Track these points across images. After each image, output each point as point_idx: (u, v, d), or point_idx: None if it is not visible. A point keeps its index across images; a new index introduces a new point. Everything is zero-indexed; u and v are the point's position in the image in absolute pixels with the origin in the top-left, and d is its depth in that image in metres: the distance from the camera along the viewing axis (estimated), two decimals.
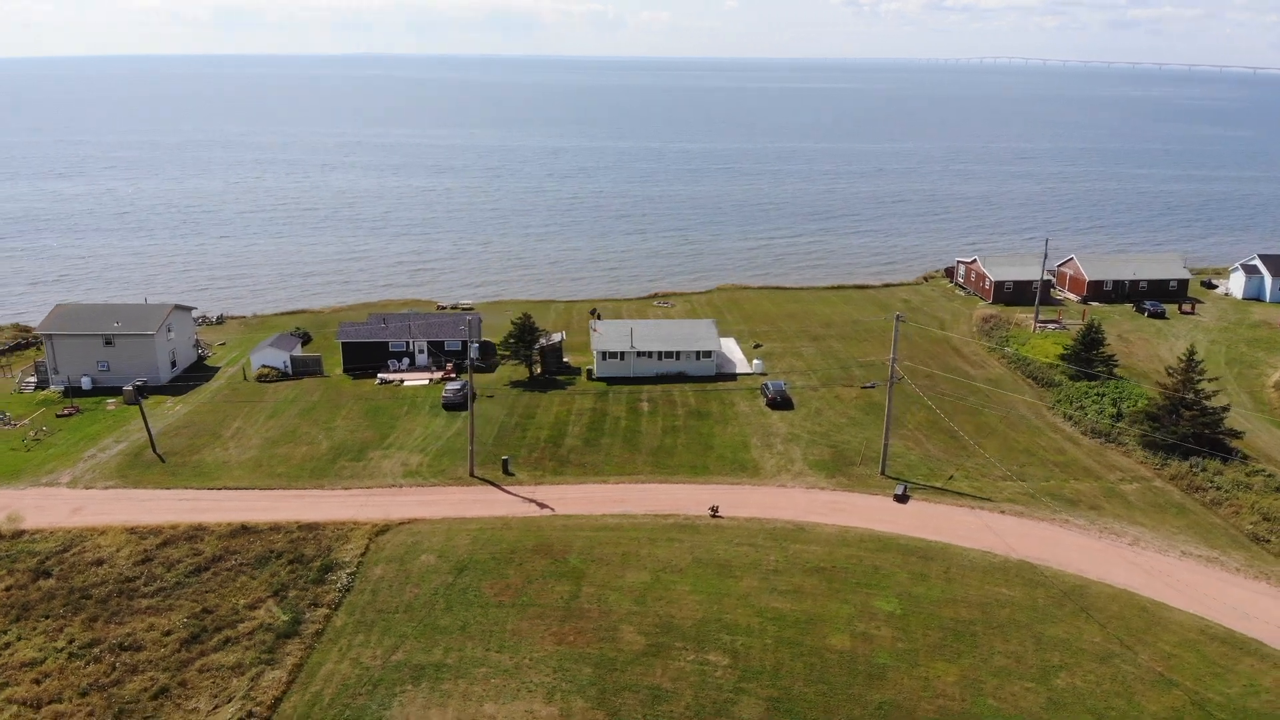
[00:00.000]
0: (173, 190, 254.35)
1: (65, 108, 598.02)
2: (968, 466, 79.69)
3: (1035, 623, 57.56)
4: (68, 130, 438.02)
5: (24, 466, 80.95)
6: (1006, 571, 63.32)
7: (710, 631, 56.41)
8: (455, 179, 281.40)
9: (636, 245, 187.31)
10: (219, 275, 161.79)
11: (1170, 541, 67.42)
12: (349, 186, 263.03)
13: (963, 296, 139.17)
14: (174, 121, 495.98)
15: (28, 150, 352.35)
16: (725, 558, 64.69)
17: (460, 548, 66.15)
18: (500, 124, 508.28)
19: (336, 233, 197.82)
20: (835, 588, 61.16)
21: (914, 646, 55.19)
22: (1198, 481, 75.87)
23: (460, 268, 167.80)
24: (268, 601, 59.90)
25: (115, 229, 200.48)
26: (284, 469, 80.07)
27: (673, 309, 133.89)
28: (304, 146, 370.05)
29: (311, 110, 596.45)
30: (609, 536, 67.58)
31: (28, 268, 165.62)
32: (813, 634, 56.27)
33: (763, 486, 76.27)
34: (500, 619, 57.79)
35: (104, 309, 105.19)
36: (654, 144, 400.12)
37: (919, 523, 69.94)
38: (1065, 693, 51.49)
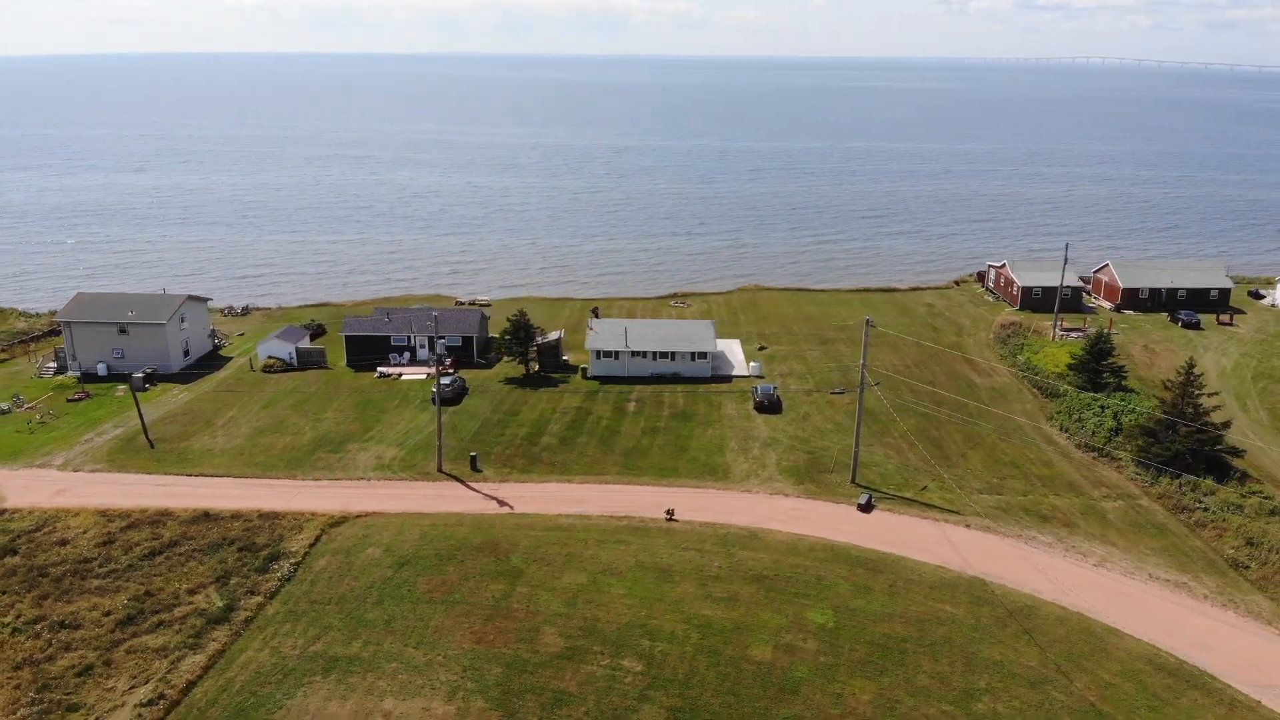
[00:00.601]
0: (239, 185, 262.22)
1: (153, 102, 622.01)
2: (946, 477, 77.19)
3: (971, 643, 55.39)
4: (152, 125, 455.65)
5: (24, 448, 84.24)
6: (955, 588, 61.09)
7: (632, 637, 55.68)
8: (515, 177, 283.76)
9: (681, 245, 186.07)
10: (263, 268, 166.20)
11: (1140, 563, 64.23)
12: (410, 183, 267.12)
13: (990, 302, 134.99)
14: (258, 117, 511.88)
15: (112, 144, 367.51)
16: (668, 562, 63.83)
17: (408, 543, 66.61)
18: (570, 122, 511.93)
19: (389, 229, 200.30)
20: (772, 597, 59.80)
21: (837, 661, 53.61)
22: (1185, 501, 72.14)
23: (500, 266, 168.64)
24: (209, 587, 61.18)
25: (177, 221, 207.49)
26: (263, 458, 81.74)
27: (688, 309, 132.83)
28: (377, 143, 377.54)
29: (392, 107, 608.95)
30: (558, 537, 67.27)
31: (87, 258, 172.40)
32: (735, 644, 55.09)
33: (728, 491, 75.06)
34: (426, 615, 57.98)
35: (120, 298, 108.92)
36: (720, 143, 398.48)
37: (877, 533, 67.97)
38: (984, 718, 49.41)
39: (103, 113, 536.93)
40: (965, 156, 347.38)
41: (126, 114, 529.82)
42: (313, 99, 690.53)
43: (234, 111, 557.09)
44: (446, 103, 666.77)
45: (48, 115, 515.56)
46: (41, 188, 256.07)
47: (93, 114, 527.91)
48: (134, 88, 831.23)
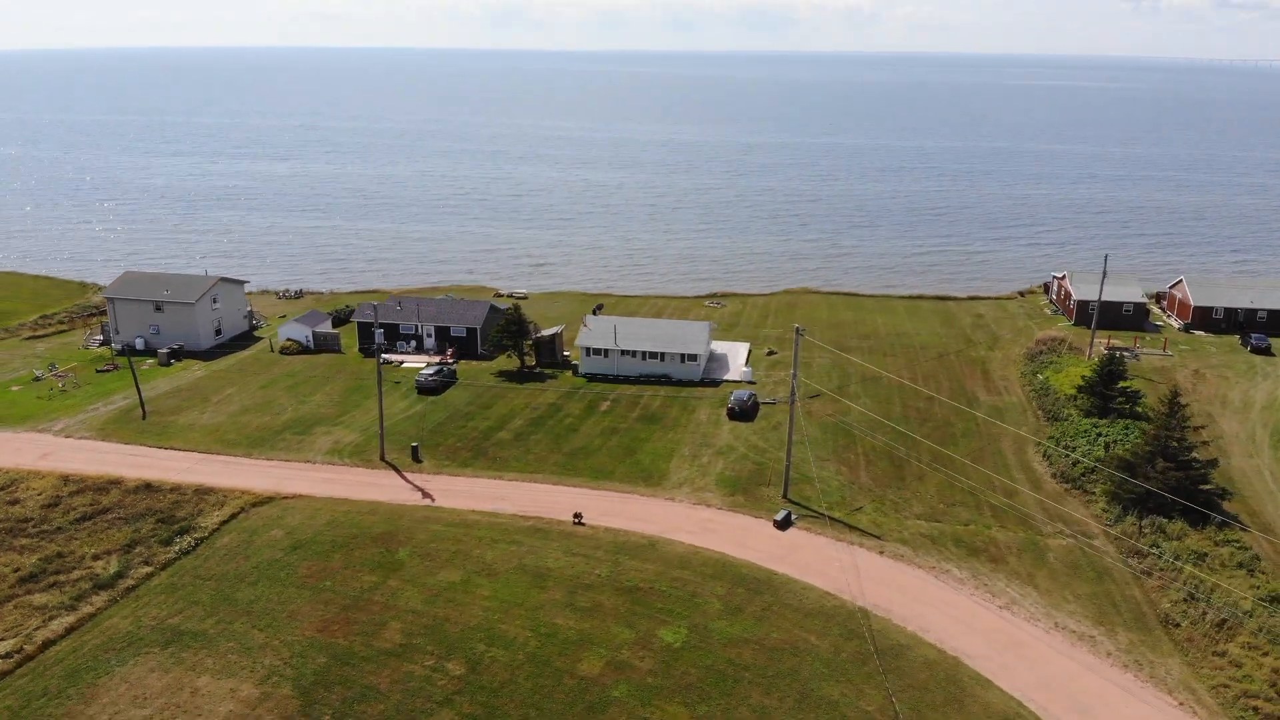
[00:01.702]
0: (367, 175, 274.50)
1: (325, 94, 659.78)
2: (889, 499, 72.57)
3: (817, 678, 51.87)
4: (315, 116, 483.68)
5: (36, 413, 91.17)
6: (832, 617, 57.36)
7: (470, 640, 55.05)
8: (632, 174, 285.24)
9: (773, 246, 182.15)
10: (352, 254, 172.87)
11: (1053, 610, 58.46)
12: (529, 179, 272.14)
13: (1049, 315, 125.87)
14: (413, 110, 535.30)
15: (270, 133, 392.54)
16: (550, 567, 62.73)
17: (314, 527, 68.14)
18: (706, 119, 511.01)
19: (490, 222, 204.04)
20: (635, 610, 57.84)
21: (663, 684, 51.31)
22: (1140, 545, 65.13)
23: (584, 261, 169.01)
24: (114, 554, 64.40)
25: (297, 208, 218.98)
26: (234, 436, 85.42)
27: (722, 309, 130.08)
28: (513, 138, 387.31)
29: (541, 104, 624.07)
30: (456, 533, 67.28)
31: (199, 241, 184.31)
32: (569, 656, 53.60)
33: (653, 498, 73.10)
34: (288, 600, 59.17)
35: (160, 278, 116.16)
36: (858, 140, 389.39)
37: (780, 552, 64.65)
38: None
39: (273, 103, 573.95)
40: (1116, 161, 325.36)
41: (294, 104, 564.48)
42: (468, 95, 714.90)
43: (393, 104, 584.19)
44: (590, 100, 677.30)
45: (224, 104, 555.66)
46: (186, 173, 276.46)
47: (265, 104, 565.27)
48: (312, 80, 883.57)
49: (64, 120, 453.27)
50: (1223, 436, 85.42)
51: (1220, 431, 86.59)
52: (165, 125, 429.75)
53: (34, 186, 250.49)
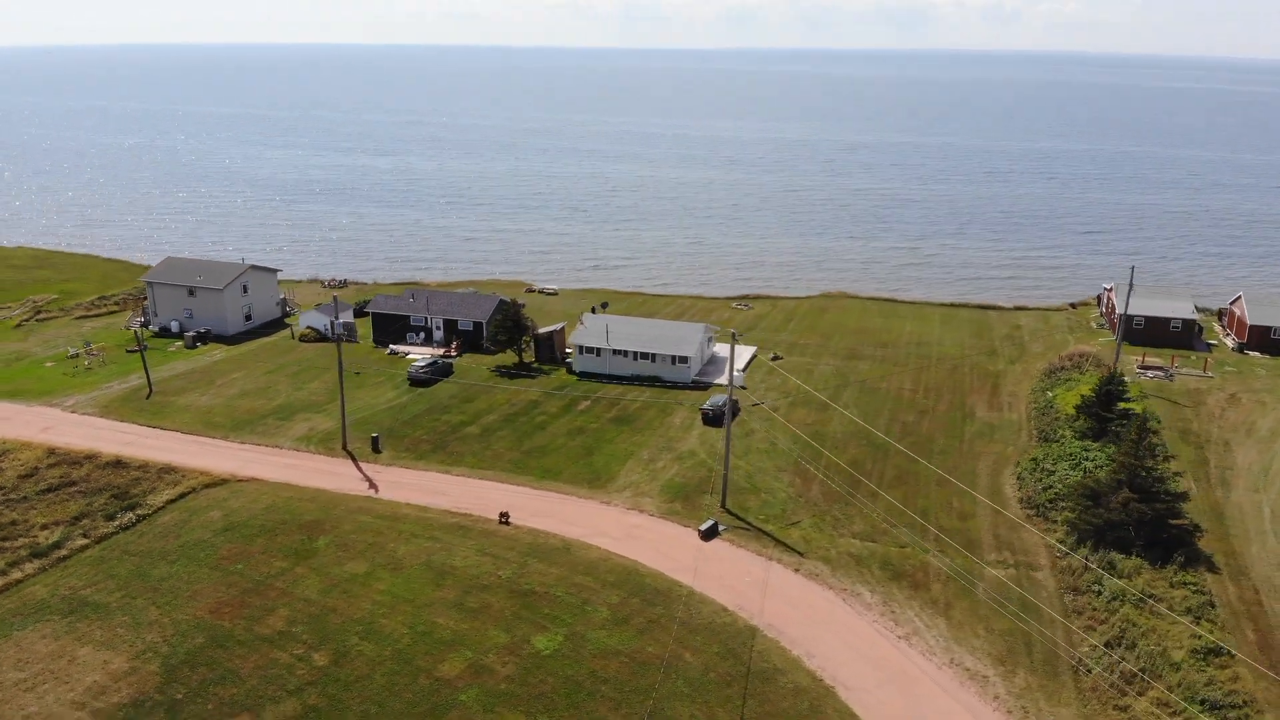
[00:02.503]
0: (462, 171, 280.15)
1: (449, 92, 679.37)
2: (832, 514, 69.52)
3: (673, 697, 50.10)
4: (429, 113, 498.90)
5: (56, 388, 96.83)
6: (718, 634, 55.31)
7: (347, 633, 55.46)
8: (727, 172, 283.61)
9: (849, 248, 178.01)
10: (422, 247, 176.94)
11: (955, 644, 54.79)
12: (619, 176, 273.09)
13: (1095, 329, 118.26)
14: (521, 109, 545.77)
15: (383, 129, 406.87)
16: (455, 565, 62.66)
17: (251, 511, 69.98)
18: (816, 117, 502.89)
19: (569, 219, 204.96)
20: (520, 614, 57.17)
21: (515, 692, 50.53)
22: (1081, 581, 60.39)
23: (644, 260, 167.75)
24: (61, 525, 67.74)
25: (388, 202, 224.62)
26: (221, 419, 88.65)
27: (748, 311, 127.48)
28: (613, 136, 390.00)
29: (651, 102, 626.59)
30: (381, 525, 67.98)
31: (282, 230, 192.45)
32: (435, 656, 53.40)
33: (590, 501, 72.14)
34: (196, 580, 60.91)
35: (196, 263, 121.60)
36: (971, 141, 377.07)
37: (694, 563, 62.79)
38: None
39: (392, 100, 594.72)
40: (1243, 169, 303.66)
41: (417, 102, 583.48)
42: (580, 94, 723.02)
43: (508, 102, 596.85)
44: (706, 96, 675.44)
45: (367, 100, 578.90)
46: (291, 164, 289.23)
47: (384, 101, 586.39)
48: (440, 79, 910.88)
49: (191, 112, 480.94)
50: (1232, 468, 78.43)
51: (1232, 462, 79.54)
52: (290, 119, 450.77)
53: (145, 174, 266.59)
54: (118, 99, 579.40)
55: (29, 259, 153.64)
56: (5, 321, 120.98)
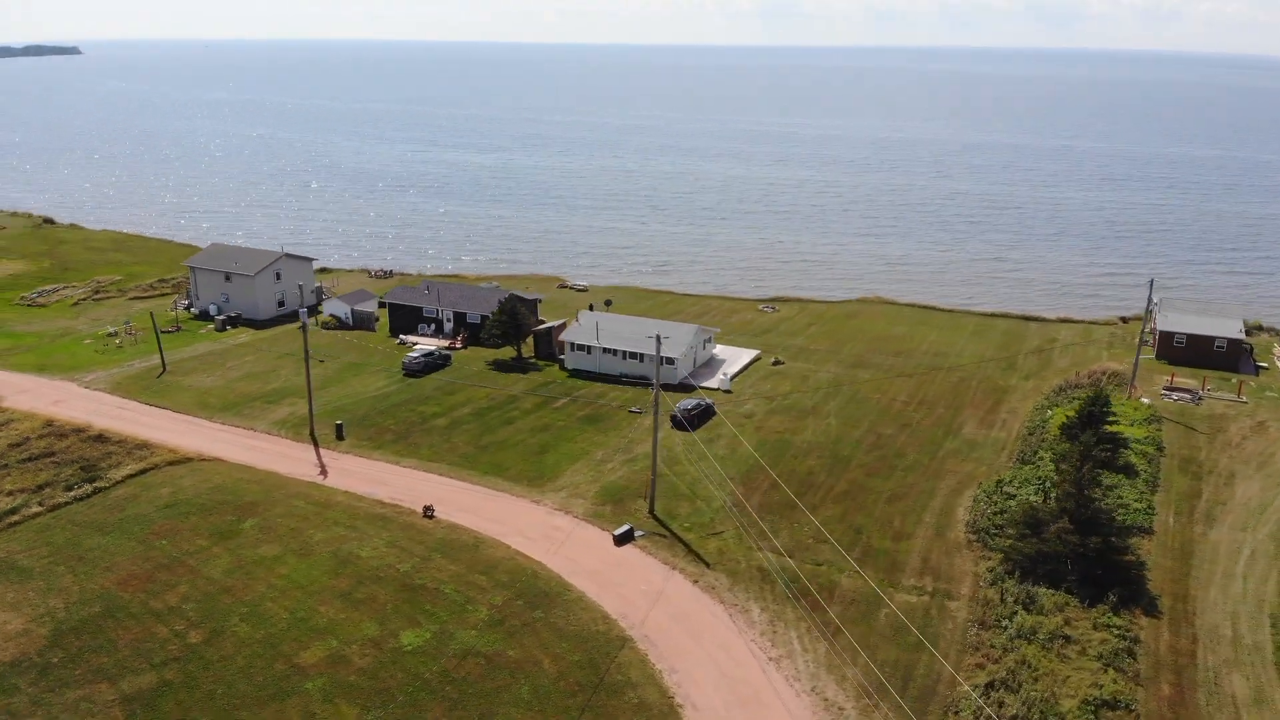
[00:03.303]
0: (561, 167, 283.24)
1: (563, 90, 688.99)
2: (759, 527, 67.05)
3: (513, 703, 49.31)
4: (547, 110, 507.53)
5: (83, 363, 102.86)
6: (588, 642, 54.16)
7: (230, 614, 56.77)
8: (824, 171, 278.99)
9: (923, 253, 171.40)
10: (491, 241, 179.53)
11: (823, 673, 51.96)
12: (710, 175, 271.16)
13: (1134, 345, 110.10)
14: (639, 108, 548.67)
15: (498, 125, 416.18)
16: (362, 556, 63.37)
17: (197, 489, 72.54)
18: (940, 116, 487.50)
19: (649, 218, 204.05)
20: (401, 608, 57.39)
21: (359, 684, 50.70)
22: (991, 614, 56.36)
23: (709, 261, 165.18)
24: (24, 493, 71.76)
25: (477, 197, 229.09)
26: (215, 400, 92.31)
27: (772, 314, 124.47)
28: (717, 134, 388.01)
29: (770, 100, 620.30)
30: (310, 510, 69.39)
31: (363, 224, 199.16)
32: (301, 643, 54.16)
33: (522, 499, 71.81)
34: (119, 552, 63.54)
35: (233, 250, 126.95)
36: (1094, 145, 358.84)
37: (596, 568, 61.74)
38: None
39: (514, 98, 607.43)
40: None
41: (538, 99, 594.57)
42: (702, 92, 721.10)
43: (625, 100, 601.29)
44: (836, 95, 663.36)
45: (475, 96, 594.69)
46: (398, 158, 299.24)
47: (510, 98, 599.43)
48: (570, 76, 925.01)
49: (323, 107, 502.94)
50: (1226, 502, 71.82)
51: (1229, 495, 72.83)
52: (415, 114, 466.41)
53: (262, 165, 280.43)
54: (270, 93, 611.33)
55: (108, 242, 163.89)
56: (65, 300, 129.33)
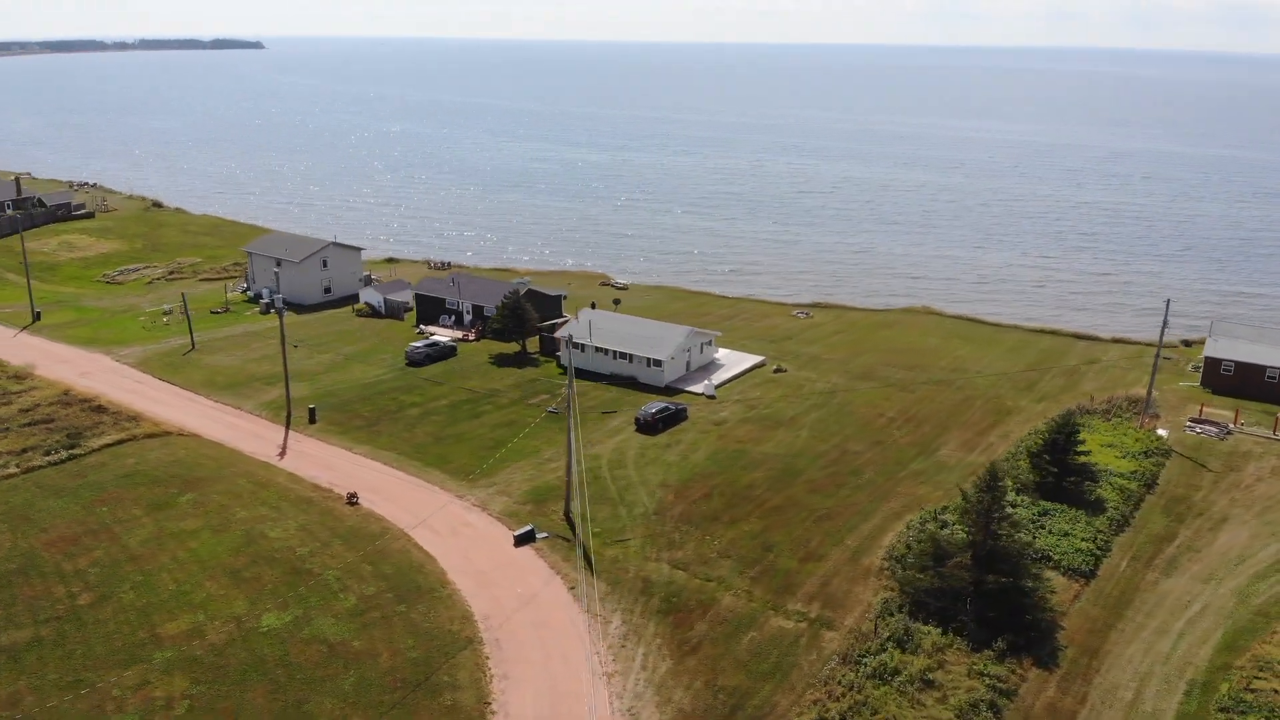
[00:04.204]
0: (674, 166, 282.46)
1: (706, 89, 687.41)
2: (668, 536, 65.07)
3: (333, 694, 49.70)
4: (678, 109, 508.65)
5: (125, 338, 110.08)
6: (434, 640, 53.98)
7: (125, 581, 59.40)
8: (946, 175, 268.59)
9: (1016, 265, 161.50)
10: (575, 238, 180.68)
11: (651, 694, 49.98)
12: (826, 176, 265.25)
13: (1189, 371, 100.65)
14: (775, 106, 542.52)
15: (622, 125, 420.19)
16: (271, 536, 65.12)
17: (160, 462, 76.36)
18: (1092, 122, 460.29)
19: (745, 219, 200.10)
20: (279, 590, 58.74)
21: (204, 660, 52.22)
22: (859, 648, 52.63)
23: (787, 265, 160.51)
24: (11, 455, 77.18)
25: (578, 194, 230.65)
26: (221, 379, 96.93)
27: (802, 319, 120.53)
28: (843, 134, 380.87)
29: (917, 101, 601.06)
30: (248, 489, 71.88)
31: (453, 218, 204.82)
32: (172, 614, 56.20)
33: (447, 493, 72.14)
34: (62, 515, 67.39)
35: (286, 237, 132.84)
36: (1253, 154, 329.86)
37: (483, 568, 61.52)
38: None
39: (656, 97, 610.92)
40: None
41: (668, 97, 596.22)
42: (849, 91, 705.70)
43: (766, 99, 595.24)
44: (989, 96, 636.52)
45: (619, 97, 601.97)
46: (520, 155, 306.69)
47: (646, 98, 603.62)
48: (724, 76, 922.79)
49: (484, 105, 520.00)
50: (1200, 550, 64.83)
51: (1208, 543, 65.68)
52: (551, 114, 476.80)
53: (380, 157, 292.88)
54: (429, 90, 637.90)
55: (204, 226, 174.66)
56: (141, 279, 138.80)
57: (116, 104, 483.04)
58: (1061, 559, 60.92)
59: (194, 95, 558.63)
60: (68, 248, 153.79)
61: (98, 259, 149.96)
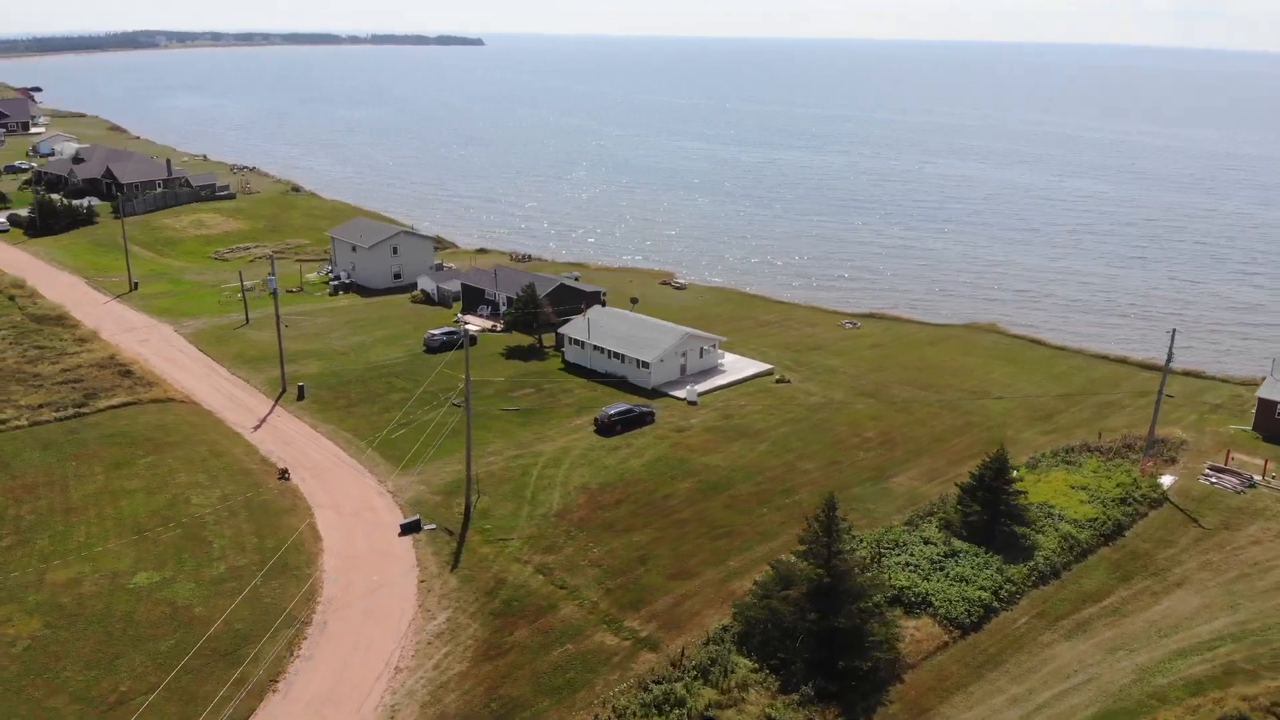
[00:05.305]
0: (830, 166, 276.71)
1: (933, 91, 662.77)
2: (550, 539, 64.13)
3: (146, 655, 52.36)
4: (844, 107, 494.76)
5: (195, 312, 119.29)
6: (266, 616, 55.76)
7: (44, 528, 64.71)
8: (1124, 187, 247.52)
9: (1168, 290, 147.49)
10: (692, 236, 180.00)
11: (420, 693, 49.39)
12: (988, 180, 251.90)
13: (1156, 410, 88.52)
14: (977, 108, 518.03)
15: (792, 123, 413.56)
16: (193, 502, 69.10)
17: (148, 425, 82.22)
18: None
19: (881, 223, 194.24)
20: (165, 552, 62.20)
21: (67, 606, 56.26)
22: (655, 675, 49.95)
23: (891, 276, 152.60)
24: (28, 409, 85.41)
25: (717, 191, 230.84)
26: (252, 353, 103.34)
27: (848, 329, 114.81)
28: (1031, 137, 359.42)
29: (1110, 104, 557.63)
30: (201, 457, 76.45)
31: (585, 214, 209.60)
32: (65, 562, 60.85)
33: (372, 477, 74.05)
34: (37, 466, 73.95)
35: (364, 224, 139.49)
36: None
37: (357, 550, 63.36)
38: None
39: (850, 95, 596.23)
40: None
41: (845, 93, 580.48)
42: (1065, 92, 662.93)
43: (992, 101, 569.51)
44: (1227, 103, 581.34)
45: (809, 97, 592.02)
46: (685, 154, 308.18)
47: (839, 97, 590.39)
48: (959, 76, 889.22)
49: (672, 104, 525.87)
50: (1133, 614, 57.40)
51: (1149, 605, 58.10)
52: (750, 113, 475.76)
53: (546, 152, 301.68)
54: (624, 87, 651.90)
55: (327, 211, 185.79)
56: (245, 257, 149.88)
57: (326, 94, 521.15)
58: (941, 607, 55.30)
59: (401, 87, 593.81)
60: (197, 225, 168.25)
61: (219, 236, 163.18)
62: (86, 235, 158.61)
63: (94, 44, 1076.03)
